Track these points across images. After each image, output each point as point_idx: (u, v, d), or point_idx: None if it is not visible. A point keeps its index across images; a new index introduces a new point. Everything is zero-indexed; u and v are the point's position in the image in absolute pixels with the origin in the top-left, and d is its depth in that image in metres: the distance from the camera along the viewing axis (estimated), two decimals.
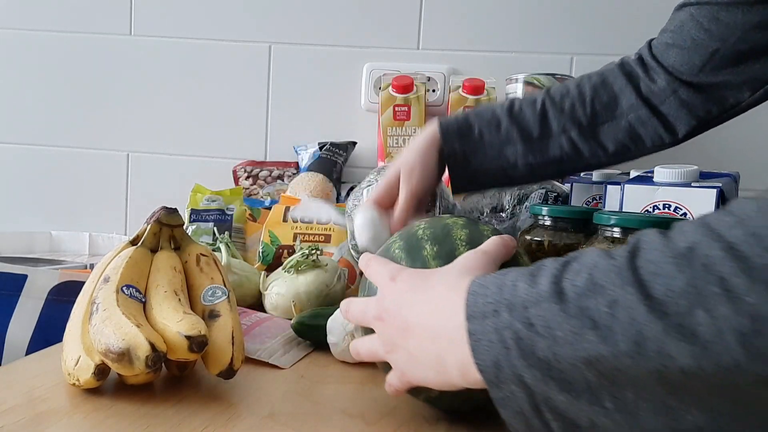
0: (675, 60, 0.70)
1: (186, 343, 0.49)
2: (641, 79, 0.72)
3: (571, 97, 0.72)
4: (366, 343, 0.48)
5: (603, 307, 0.32)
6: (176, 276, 0.58)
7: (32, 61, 1.29)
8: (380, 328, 0.46)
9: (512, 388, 0.36)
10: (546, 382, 0.34)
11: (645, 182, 0.68)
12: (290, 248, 0.93)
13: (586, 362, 0.33)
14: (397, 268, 0.48)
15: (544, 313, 0.34)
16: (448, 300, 0.41)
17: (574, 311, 0.33)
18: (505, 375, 0.36)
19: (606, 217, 0.55)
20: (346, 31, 1.21)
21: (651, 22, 1.13)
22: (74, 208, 1.30)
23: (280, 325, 0.71)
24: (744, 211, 0.31)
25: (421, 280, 0.45)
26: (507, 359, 0.36)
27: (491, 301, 0.37)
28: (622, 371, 0.32)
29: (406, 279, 0.46)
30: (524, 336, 0.35)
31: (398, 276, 0.46)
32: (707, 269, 0.30)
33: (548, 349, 0.34)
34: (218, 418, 0.47)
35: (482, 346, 0.37)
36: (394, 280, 0.46)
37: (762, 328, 0.28)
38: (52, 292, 0.77)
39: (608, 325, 0.32)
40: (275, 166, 1.21)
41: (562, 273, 0.35)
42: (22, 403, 0.48)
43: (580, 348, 0.33)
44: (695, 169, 0.65)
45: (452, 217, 0.54)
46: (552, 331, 0.34)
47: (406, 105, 1.11)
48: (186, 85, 1.26)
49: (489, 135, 0.72)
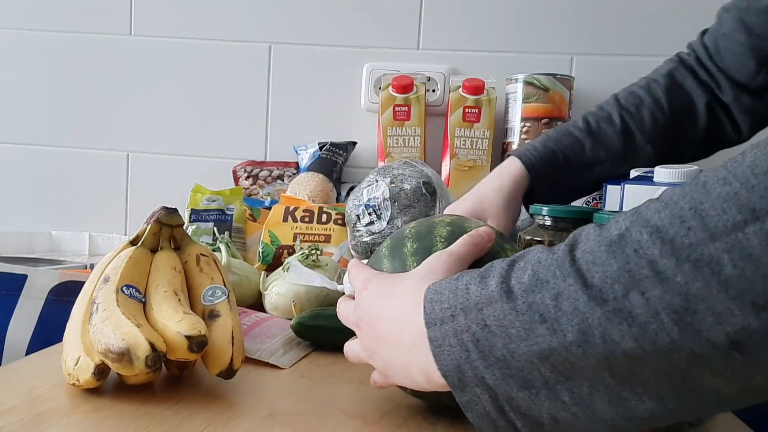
0: (731, 64, 0.70)
1: (186, 343, 0.49)
2: (708, 82, 0.73)
3: (647, 106, 0.73)
4: (353, 348, 0.49)
5: (548, 300, 0.33)
6: (176, 276, 0.58)
7: (32, 61, 1.29)
8: (359, 334, 0.47)
9: (475, 390, 0.37)
10: (506, 380, 0.35)
11: (645, 182, 0.68)
12: (290, 248, 0.93)
13: (540, 357, 0.33)
14: (369, 274, 0.48)
15: (497, 313, 0.35)
16: (409, 307, 0.41)
17: (523, 307, 0.34)
18: (468, 378, 0.37)
19: (606, 217, 0.55)
20: (346, 31, 1.21)
21: (651, 22, 1.14)
22: (74, 208, 1.30)
23: (280, 325, 0.71)
24: (670, 196, 0.32)
25: (389, 287, 0.45)
26: (468, 362, 0.36)
27: (447, 306, 0.38)
28: (574, 363, 0.33)
29: (375, 287, 0.46)
30: (481, 337, 0.36)
31: (369, 283, 0.47)
32: (637, 254, 0.31)
33: (504, 347, 0.35)
34: (218, 418, 0.47)
35: (443, 352, 0.38)
36: (366, 288, 0.47)
37: (692, 305, 0.29)
38: (52, 292, 0.77)
39: (555, 317, 0.33)
40: (275, 166, 1.21)
41: (509, 272, 0.36)
42: (22, 403, 0.48)
43: (533, 343, 0.34)
44: (695, 169, 0.65)
45: (443, 216, 0.54)
46: (506, 330, 0.35)
47: (406, 105, 1.11)
48: (186, 85, 1.26)
49: (575, 159, 0.73)
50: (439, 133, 1.15)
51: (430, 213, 0.86)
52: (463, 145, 1.10)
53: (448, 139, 1.10)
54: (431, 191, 0.86)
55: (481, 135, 1.10)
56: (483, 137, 1.10)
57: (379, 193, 0.87)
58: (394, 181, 0.87)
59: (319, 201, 1.07)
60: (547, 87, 1.07)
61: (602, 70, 1.15)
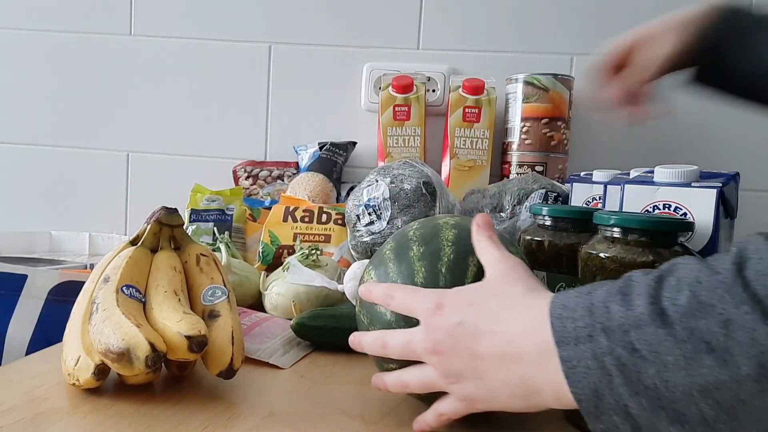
0: None
1: (186, 343, 0.49)
2: None
3: None
4: (416, 376, 0.45)
5: (716, 327, 0.30)
6: (176, 276, 0.58)
7: (32, 61, 1.29)
8: (437, 360, 0.43)
9: (614, 419, 0.34)
10: (654, 412, 0.32)
11: (645, 182, 0.68)
12: (290, 248, 0.93)
13: (703, 390, 0.30)
14: (435, 296, 0.44)
15: (649, 337, 0.32)
16: (529, 323, 0.38)
17: (683, 334, 0.31)
18: (607, 404, 0.33)
19: (606, 217, 0.55)
20: (346, 31, 1.21)
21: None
22: (74, 208, 1.30)
23: (280, 325, 0.71)
24: None
25: (482, 305, 0.42)
26: (609, 387, 0.33)
27: (583, 325, 0.35)
28: (745, 401, 0.29)
29: (456, 306, 0.43)
30: (628, 362, 0.32)
31: (443, 305, 0.43)
32: None
33: (657, 375, 0.31)
34: (218, 418, 0.47)
35: (578, 374, 0.34)
36: (441, 309, 0.43)
37: None
38: (52, 292, 0.77)
39: (725, 347, 0.29)
40: (275, 166, 1.21)
41: (658, 291, 0.33)
42: (22, 403, 0.48)
43: (696, 374, 0.30)
44: (695, 169, 0.65)
45: (446, 217, 0.53)
46: (660, 357, 0.31)
47: (406, 105, 1.11)
48: (186, 85, 1.26)
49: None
50: (439, 133, 1.15)
51: (430, 213, 0.86)
52: (463, 145, 1.10)
53: (448, 139, 1.10)
54: (431, 191, 0.86)
55: (481, 135, 1.10)
56: (483, 137, 1.10)
57: (379, 193, 0.87)
58: (394, 181, 0.87)
59: (319, 201, 1.07)
60: (547, 87, 1.07)
61: None
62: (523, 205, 0.88)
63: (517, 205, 0.88)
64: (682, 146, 1.14)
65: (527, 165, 1.09)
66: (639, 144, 1.15)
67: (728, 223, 0.68)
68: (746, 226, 1.08)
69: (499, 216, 0.89)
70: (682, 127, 1.14)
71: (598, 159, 1.16)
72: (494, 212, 0.89)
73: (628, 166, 0.82)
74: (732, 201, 0.64)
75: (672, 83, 0.71)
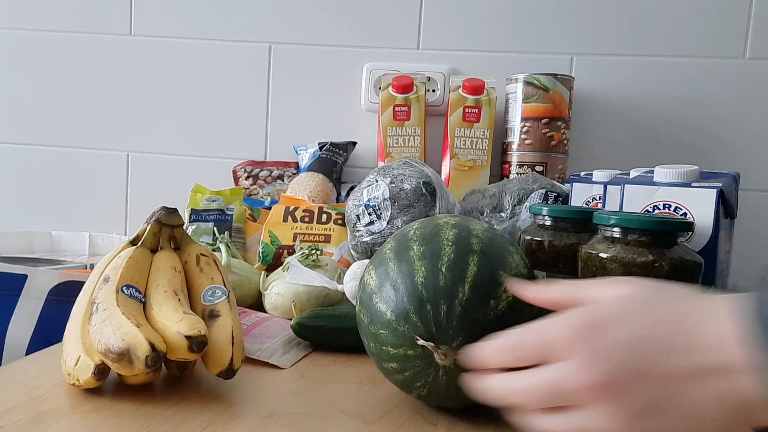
0: None
1: (186, 343, 0.49)
2: None
3: None
4: (580, 424, 0.35)
5: None
6: (176, 276, 0.58)
7: (32, 61, 1.29)
8: (613, 400, 0.34)
9: None
10: None
11: (645, 182, 0.68)
12: (290, 248, 0.93)
13: None
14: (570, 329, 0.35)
15: None
16: (719, 329, 0.32)
17: None
18: None
19: (606, 217, 0.55)
20: (346, 31, 1.21)
21: (651, 22, 1.13)
22: (74, 208, 1.30)
23: (280, 325, 0.71)
24: None
25: (630, 324, 0.34)
26: None
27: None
28: None
29: (629, 328, 0.34)
30: None
31: (591, 331, 0.35)
32: None
33: None
34: (218, 418, 0.47)
35: None
36: (605, 330, 0.34)
37: None
38: (52, 292, 0.77)
39: None
40: (275, 166, 1.21)
41: None
42: (22, 403, 0.48)
43: None
44: (695, 169, 0.65)
45: (446, 217, 0.53)
46: None
47: (406, 105, 1.11)
48: (186, 85, 1.26)
49: None
50: (439, 133, 1.15)
51: (430, 213, 0.86)
52: (463, 145, 1.10)
53: (448, 139, 1.10)
54: (431, 191, 0.86)
55: (481, 135, 1.10)
56: (483, 137, 1.10)
57: (379, 193, 0.87)
58: (394, 181, 0.87)
59: (319, 201, 1.07)
60: (547, 87, 1.07)
61: (602, 70, 1.16)
62: (523, 205, 0.88)
63: (517, 205, 0.88)
64: (682, 146, 1.14)
65: (527, 165, 1.09)
66: (639, 144, 1.15)
67: (728, 223, 0.68)
68: (746, 226, 1.08)
69: (499, 216, 0.89)
70: (682, 127, 1.14)
71: (598, 159, 1.16)
72: (494, 212, 0.89)
73: (628, 166, 0.82)
74: (732, 201, 0.65)
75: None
